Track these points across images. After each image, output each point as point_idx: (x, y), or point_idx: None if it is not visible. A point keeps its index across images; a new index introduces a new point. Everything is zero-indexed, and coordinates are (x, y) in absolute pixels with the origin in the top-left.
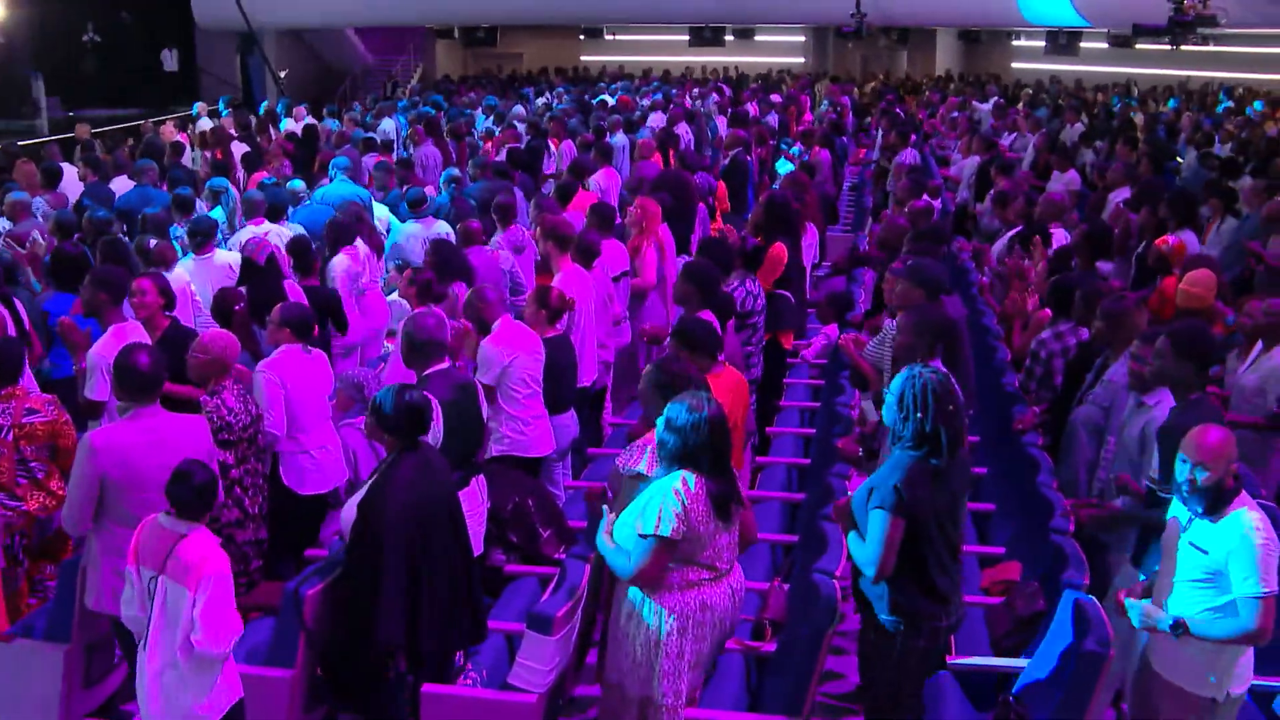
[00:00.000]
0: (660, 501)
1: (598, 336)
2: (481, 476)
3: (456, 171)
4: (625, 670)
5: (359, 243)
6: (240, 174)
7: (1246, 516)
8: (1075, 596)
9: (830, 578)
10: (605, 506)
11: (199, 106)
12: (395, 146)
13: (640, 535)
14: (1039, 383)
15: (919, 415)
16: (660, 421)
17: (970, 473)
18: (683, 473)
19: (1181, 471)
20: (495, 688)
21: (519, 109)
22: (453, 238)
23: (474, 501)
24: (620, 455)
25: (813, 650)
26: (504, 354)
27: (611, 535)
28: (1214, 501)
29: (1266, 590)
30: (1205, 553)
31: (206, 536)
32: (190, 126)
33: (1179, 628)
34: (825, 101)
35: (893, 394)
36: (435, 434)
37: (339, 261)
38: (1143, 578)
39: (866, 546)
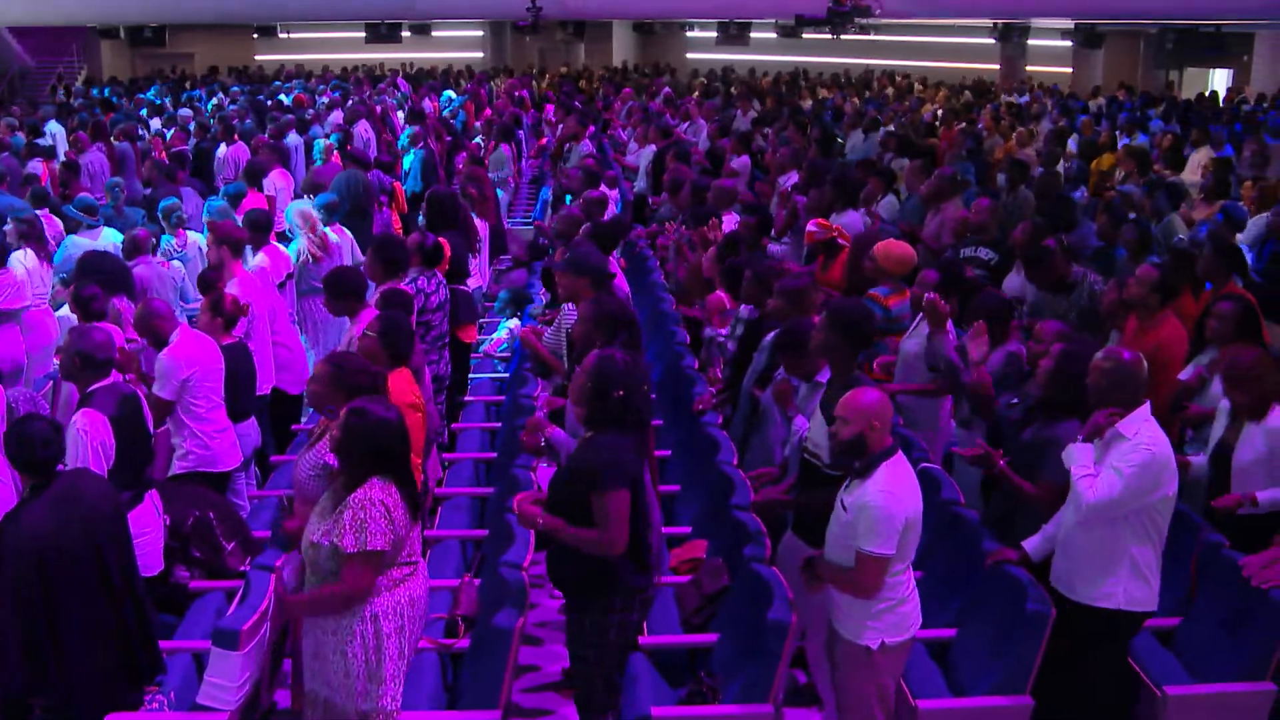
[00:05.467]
0: (364, 515)
1: (285, 342)
2: (155, 492)
3: (120, 179)
4: (336, 685)
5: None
6: None
7: (882, 478)
8: (757, 568)
9: (518, 569)
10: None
11: None
12: (59, 151)
13: (349, 553)
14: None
15: (620, 393)
16: (345, 425)
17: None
18: (376, 480)
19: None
20: (184, 709)
21: (186, 111)
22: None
23: (149, 518)
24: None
25: (506, 642)
26: (184, 367)
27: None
28: (856, 458)
29: (873, 550)
30: (845, 510)
31: None
32: None
33: (808, 566)
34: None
35: (592, 376)
36: (108, 452)
37: None
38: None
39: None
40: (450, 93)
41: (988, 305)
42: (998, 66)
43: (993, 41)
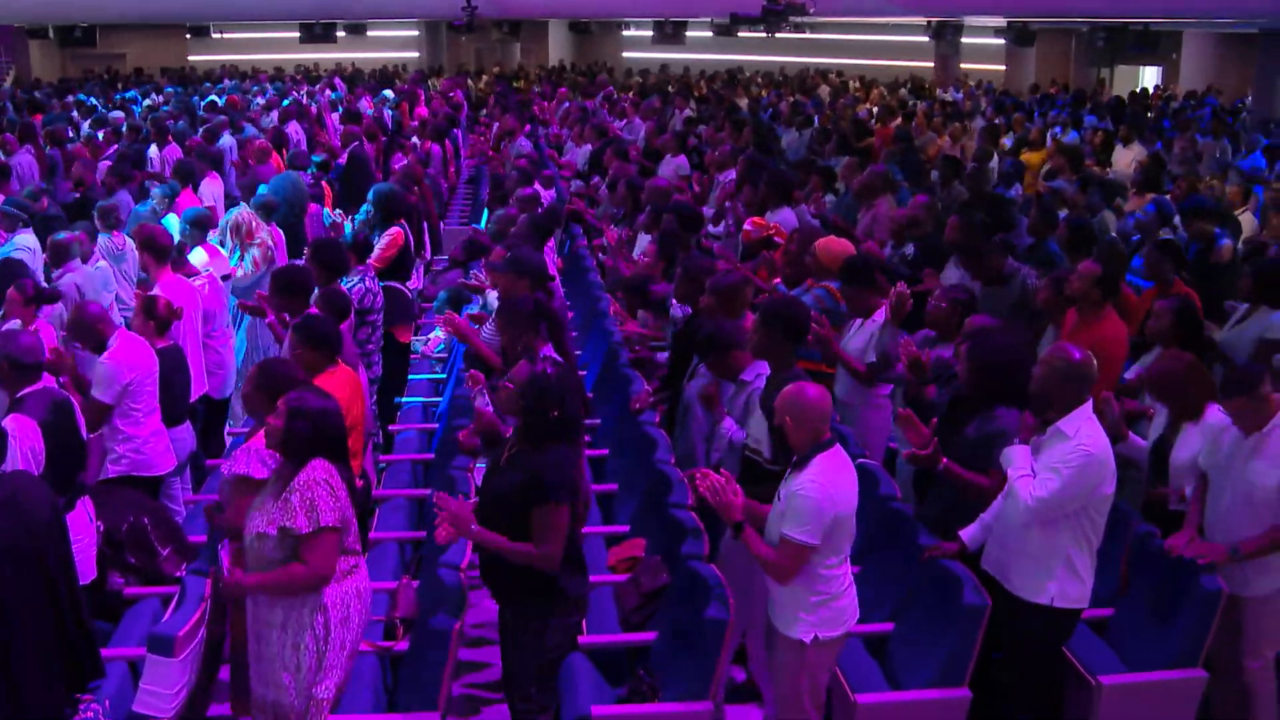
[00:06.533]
0: (312, 494)
1: (217, 347)
2: (87, 498)
3: (43, 185)
4: (286, 683)
5: None
6: None
7: (815, 470)
8: (695, 566)
9: (456, 570)
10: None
11: None
12: None
13: (305, 534)
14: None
15: (556, 413)
16: (288, 413)
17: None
18: (318, 462)
19: None
20: (120, 718)
21: (118, 113)
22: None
23: (81, 525)
24: (225, 462)
25: (444, 643)
26: (126, 371)
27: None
28: (790, 451)
29: (793, 535)
30: (780, 500)
31: None
32: None
33: (737, 528)
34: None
35: (526, 394)
36: (38, 458)
37: None
38: None
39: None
40: (388, 92)
41: (961, 300)
42: (932, 64)
43: (927, 39)
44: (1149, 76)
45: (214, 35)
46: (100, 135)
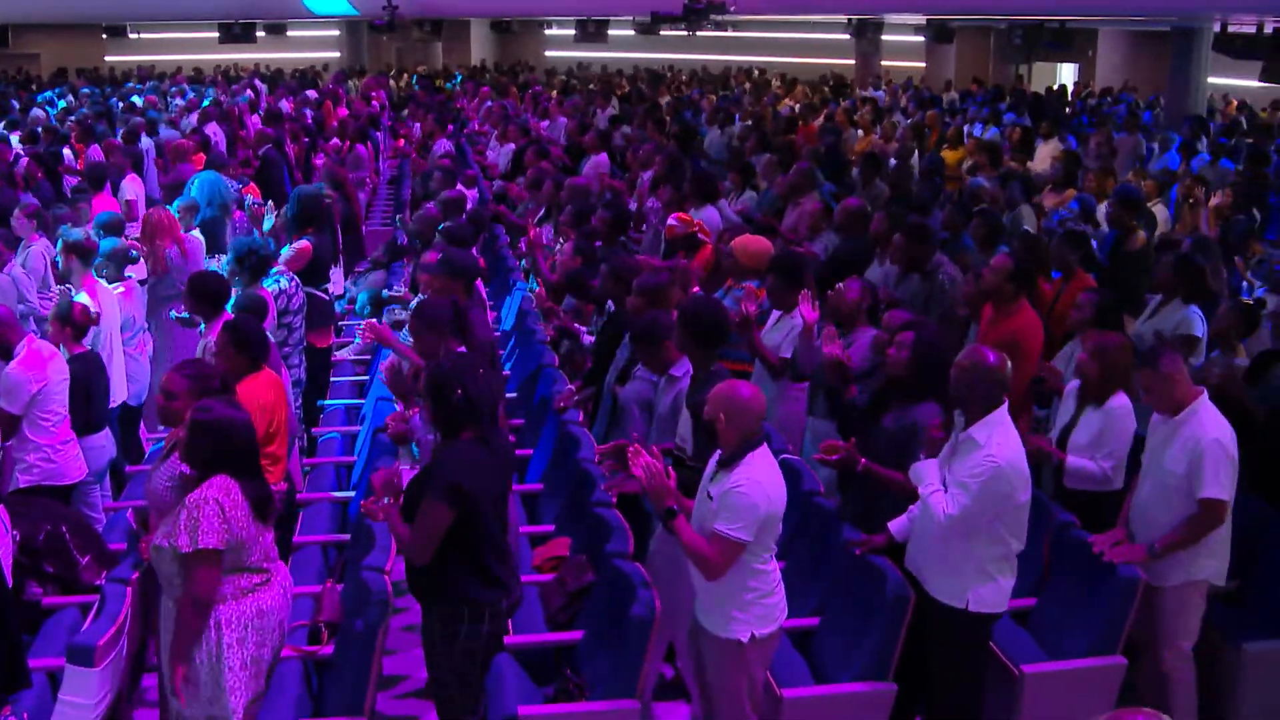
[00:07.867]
0: (198, 514)
1: (133, 354)
2: (1, 507)
3: None
4: (182, 691)
5: None
6: None
7: (748, 469)
8: (620, 564)
9: (380, 573)
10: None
11: None
12: None
13: (184, 554)
14: None
15: (459, 391)
16: (191, 426)
17: (513, 454)
18: (218, 479)
19: None
20: None
21: (38, 113)
22: None
23: None
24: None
25: (369, 647)
26: (34, 381)
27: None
28: (713, 449)
29: (727, 531)
30: (711, 499)
31: None
32: None
33: (669, 514)
34: None
35: (427, 390)
36: None
37: None
38: None
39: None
40: (311, 92)
41: (866, 289)
42: (853, 62)
43: (848, 37)
44: (1066, 73)
45: (131, 35)
46: (14, 138)
